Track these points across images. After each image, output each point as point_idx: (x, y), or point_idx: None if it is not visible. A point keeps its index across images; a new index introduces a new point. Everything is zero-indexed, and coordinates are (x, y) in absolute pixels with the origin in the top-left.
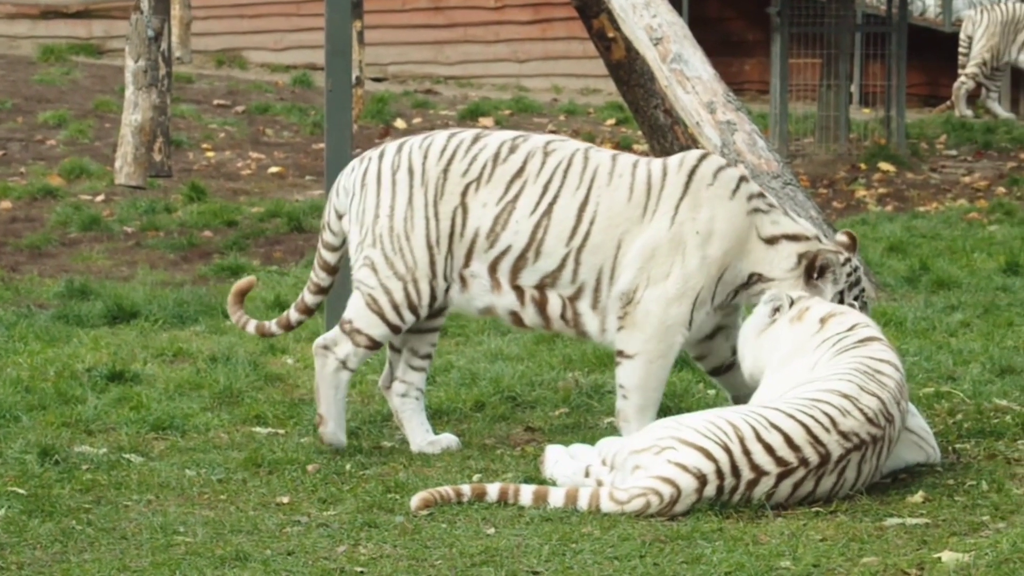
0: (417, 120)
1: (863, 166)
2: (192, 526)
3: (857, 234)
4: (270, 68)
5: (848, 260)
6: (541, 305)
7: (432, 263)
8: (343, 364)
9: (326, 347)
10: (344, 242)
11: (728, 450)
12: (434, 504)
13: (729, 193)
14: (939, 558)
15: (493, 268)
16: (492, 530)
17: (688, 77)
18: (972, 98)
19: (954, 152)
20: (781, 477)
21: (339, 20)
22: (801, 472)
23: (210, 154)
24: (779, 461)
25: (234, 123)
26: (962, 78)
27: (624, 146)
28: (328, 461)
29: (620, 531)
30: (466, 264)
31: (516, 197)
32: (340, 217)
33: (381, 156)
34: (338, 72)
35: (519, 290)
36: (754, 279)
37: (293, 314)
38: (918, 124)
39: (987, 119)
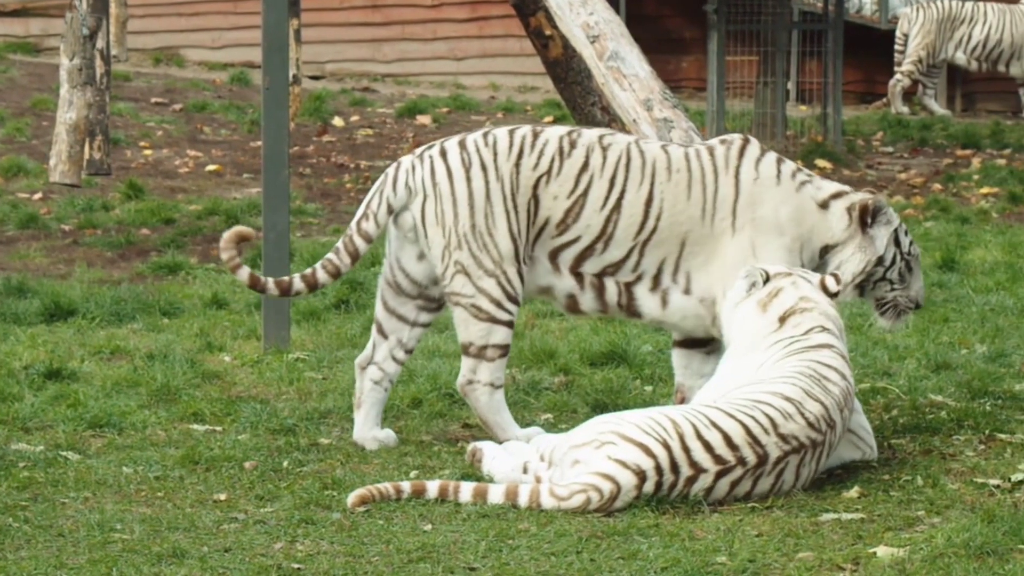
0: (355, 118)
1: (800, 163)
2: (129, 523)
3: None
4: (208, 66)
5: None
6: (599, 291)
7: (516, 252)
8: (492, 385)
9: (470, 382)
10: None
11: (667, 447)
12: (371, 501)
13: (775, 180)
14: (874, 553)
15: (554, 255)
16: (429, 526)
17: (625, 75)
18: (908, 95)
19: (890, 149)
20: (719, 475)
21: (276, 18)
22: (739, 471)
23: (148, 152)
24: (717, 459)
25: (172, 121)
26: (898, 75)
27: None
28: (265, 458)
29: (557, 527)
30: (532, 249)
31: (586, 191)
32: (390, 212)
33: (444, 154)
34: (275, 70)
35: (579, 276)
36: (825, 252)
37: (297, 282)
38: (854, 121)
39: (923, 116)
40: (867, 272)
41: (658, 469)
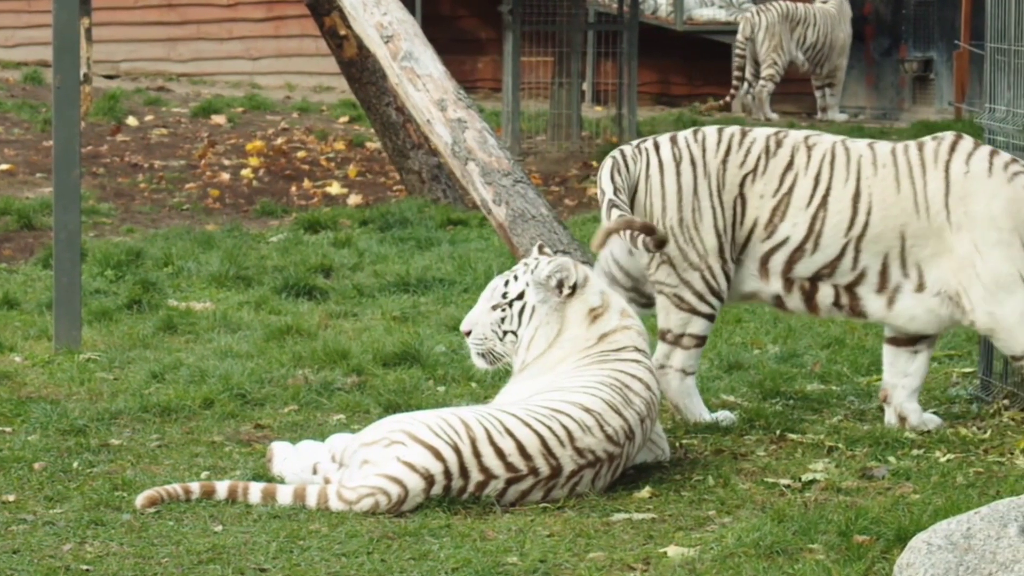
0: (149, 117)
1: (595, 164)
2: None
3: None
4: (0, 64)
5: None
6: (808, 295)
7: (721, 248)
8: (684, 372)
9: (662, 366)
10: None
11: (458, 451)
12: (160, 502)
13: (985, 174)
14: (665, 552)
15: (765, 260)
16: (219, 527)
17: (419, 75)
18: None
19: None
20: (510, 482)
21: (67, 17)
22: (530, 481)
23: None
24: (509, 467)
25: None
26: (761, 82)
27: (357, 144)
28: (55, 459)
29: (348, 528)
30: (740, 252)
31: (790, 190)
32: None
33: (657, 148)
34: (66, 69)
35: (788, 281)
36: None
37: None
38: (650, 122)
39: (719, 116)
40: None
41: (447, 473)
